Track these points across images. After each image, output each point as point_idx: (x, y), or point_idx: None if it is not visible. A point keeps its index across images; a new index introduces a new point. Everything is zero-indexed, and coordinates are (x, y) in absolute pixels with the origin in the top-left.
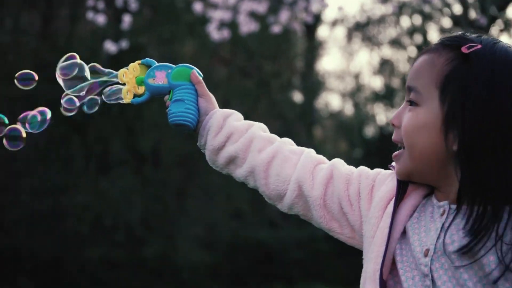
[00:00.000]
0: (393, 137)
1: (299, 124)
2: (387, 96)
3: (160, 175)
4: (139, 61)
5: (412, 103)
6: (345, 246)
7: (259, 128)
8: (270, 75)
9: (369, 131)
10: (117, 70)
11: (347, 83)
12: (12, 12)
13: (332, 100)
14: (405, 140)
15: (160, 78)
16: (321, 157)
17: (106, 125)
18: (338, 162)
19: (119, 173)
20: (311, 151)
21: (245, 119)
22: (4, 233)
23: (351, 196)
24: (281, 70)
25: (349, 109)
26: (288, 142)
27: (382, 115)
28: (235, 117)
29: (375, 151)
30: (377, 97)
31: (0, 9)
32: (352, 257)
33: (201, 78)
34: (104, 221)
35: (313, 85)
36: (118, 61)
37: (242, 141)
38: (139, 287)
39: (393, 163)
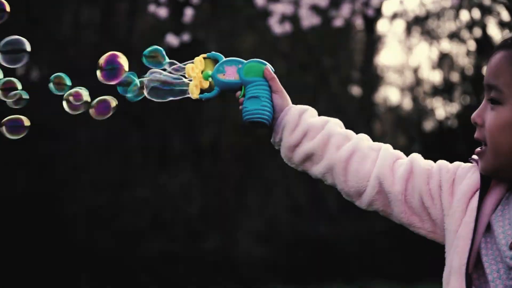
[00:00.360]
0: (475, 135)
1: (358, 118)
2: (446, 90)
3: (219, 169)
4: (204, 55)
5: (493, 101)
6: (404, 241)
7: (336, 124)
8: (330, 69)
9: (428, 125)
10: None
11: (406, 77)
12: (72, 7)
13: (391, 95)
14: (489, 139)
15: (230, 74)
16: (399, 152)
17: (165, 119)
18: (417, 156)
19: (178, 168)
20: (389, 147)
21: None
22: (63, 228)
23: (432, 190)
24: (340, 64)
25: (408, 104)
26: (365, 138)
27: (441, 109)
28: (310, 113)
29: (434, 145)
30: (436, 91)
31: (60, 4)
32: (411, 252)
33: (274, 74)
34: (163, 215)
35: (372, 79)
36: (178, 55)
37: (319, 138)
38: (198, 282)
39: (474, 156)
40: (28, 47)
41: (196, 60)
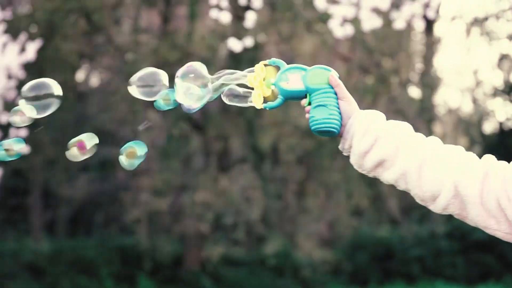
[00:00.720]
0: None
1: (418, 120)
2: (506, 91)
3: (279, 172)
4: (265, 62)
5: None
6: (466, 242)
7: (406, 129)
8: (389, 71)
9: (488, 126)
10: (238, 68)
11: (466, 78)
12: (131, 12)
13: (451, 96)
14: None
15: (294, 82)
16: (472, 154)
17: (225, 123)
18: (491, 158)
19: (239, 171)
20: (462, 149)
21: None
22: (125, 232)
23: (508, 191)
24: (400, 66)
25: (467, 105)
26: (437, 141)
27: (501, 110)
28: (379, 118)
29: (495, 147)
30: (496, 92)
31: (119, 9)
32: (473, 254)
33: (339, 80)
34: (224, 219)
35: (432, 81)
36: (238, 60)
37: (390, 144)
38: (260, 285)
39: None
40: (56, 91)
41: (257, 68)
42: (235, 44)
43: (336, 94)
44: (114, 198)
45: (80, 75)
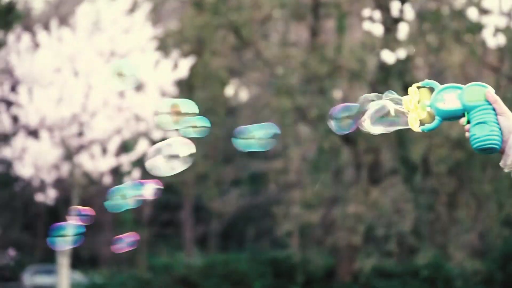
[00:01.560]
0: None
1: None
2: None
3: (430, 184)
4: (418, 84)
5: None
6: None
7: None
8: None
9: None
10: (388, 81)
11: None
12: (280, 26)
13: None
14: None
15: (450, 101)
16: None
17: (376, 135)
18: None
19: (390, 183)
20: None
21: None
22: (277, 245)
23: None
24: None
25: None
26: None
27: None
28: None
29: None
30: None
31: (267, 24)
32: None
33: (497, 96)
34: (376, 231)
35: None
36: (388, 72)
37: None
38: None
39: None
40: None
41: (411, 91)
42: (388, 56)
43: (494, 110)
44: (265, 212)
45: (229, 90)
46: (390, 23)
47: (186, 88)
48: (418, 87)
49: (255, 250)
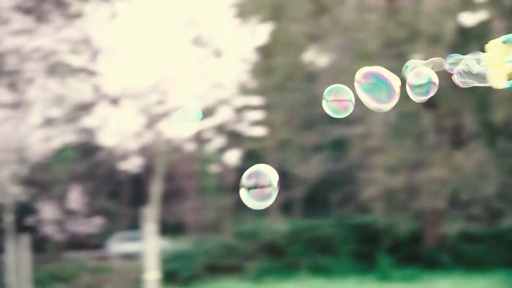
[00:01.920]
0: None
1: None
2: None
3: None
4: (501, 39)
5: None
6: None
7: None
8: None
9: None
10: (467, 43)
11: None
12: None
13: None
14: None
15: None
16: None
17: (457, 99)
18: None
19: (473, 147)
20: None
21: None
22: (361, 210)
23: None
24: None
25: None
26: None
27: None
28: None
29: None
30: None
31: None
32: None
33: None
34: (460, 195)
35: None
36: (467, 35)
37: None
38: (498, 260)
39: None
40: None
41: (494, 46)
42: (467, 19)
43: None
44: (348, 177)
45: (308, 56)
46: None
47: (266, 54)
48: (503, 43)
49: (339, 215)
